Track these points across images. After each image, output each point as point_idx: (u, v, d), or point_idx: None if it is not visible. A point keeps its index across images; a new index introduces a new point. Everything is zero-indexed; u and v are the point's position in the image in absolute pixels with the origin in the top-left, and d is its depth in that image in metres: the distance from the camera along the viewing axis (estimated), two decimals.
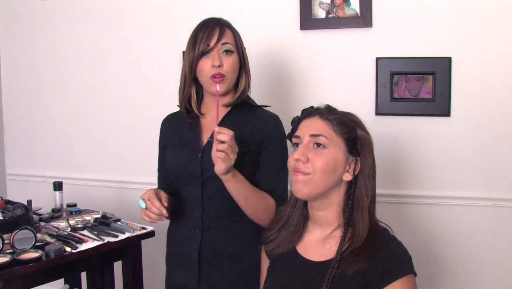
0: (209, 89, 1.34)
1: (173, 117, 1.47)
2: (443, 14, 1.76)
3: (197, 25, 1.38)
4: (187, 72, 1.36)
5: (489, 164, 1.76)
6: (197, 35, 1.34)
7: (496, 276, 1.79)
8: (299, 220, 1.15)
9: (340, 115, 1.10)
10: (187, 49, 1.36)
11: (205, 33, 1.33)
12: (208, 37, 1.32)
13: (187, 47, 1.36)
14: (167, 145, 1.44)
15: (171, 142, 1.43)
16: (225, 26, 1.36)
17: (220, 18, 1.39)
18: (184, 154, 1.37)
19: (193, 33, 1.36)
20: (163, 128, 1.48)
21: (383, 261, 1.01)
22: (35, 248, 1.45)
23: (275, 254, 1.16)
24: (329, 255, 1.06)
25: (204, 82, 1.34)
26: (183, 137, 1.40)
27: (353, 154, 1.08)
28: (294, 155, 1.07)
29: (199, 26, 1.37)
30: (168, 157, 1.42)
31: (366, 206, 1.07)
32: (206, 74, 1.32)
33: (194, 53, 1.33)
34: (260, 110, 1.41)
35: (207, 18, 1.39)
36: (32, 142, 2.49)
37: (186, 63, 1.36)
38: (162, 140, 1.48)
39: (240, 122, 1.36)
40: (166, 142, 1.45)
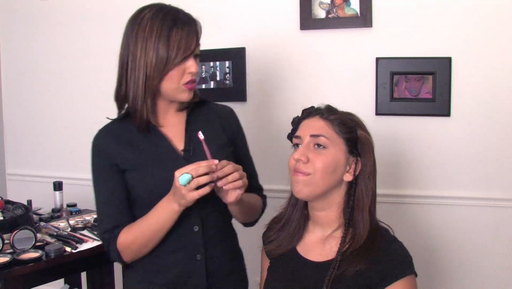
0: (177, 97, 1.16)
1: (114, 134, 1.19)
2: (443, 14, 1.76)
3: (156, 13, 1.12)
4: (153, 76, 1.11)
5: (489, 164, 1.76)
6: (171, 31, 1.10)
7: (496, 276, 1.79)
8: (300, 220, 1.15)
9: (341, 116, 1.10)
10: (147, 46, 1.10)
11: (184, 32, 1.12)
12: (189, 39, 1.12)
13: (146, 42, 1.10)
14: (128, 168, 1.16)
15: (137, 162, 1.16)
16: (198, 24, 1.17)
17: (186, 12, 1.17)
18: (166, 171, 1.10)
19: (161, 26, 1.11)
20: (108, 149, 1.18)
21: (384, 262, 1.01)
22: (35, 248, 1.45)
23: (275, 254, 1.16)
24: (330, 255, 1.06)
25: (173, 89, 1.14)
26: (154, 153, 1.17)
27: (354, 154, 1.07)
28: (294, 155, 1.07)
29: (167, 18, 1.11)
30: (142, 181, 1.15)
31: (366, 206, 1.07)
32: (179, 81, 1.14)
33: (171, 55, 1.10)
34: (211, 103, 1.30)
35: (167, 7, 1.15)
36: (32, 142, 2.49)
37: (150, 65, 1.10)
38: (108, 164, 1.17)
39: (206, 123, 1.23)
40: (126, 164, 1.16)
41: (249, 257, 1.36)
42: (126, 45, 1.15)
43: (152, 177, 1.15)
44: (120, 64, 1.17)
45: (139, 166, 1.16)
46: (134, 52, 1.13)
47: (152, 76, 1.12)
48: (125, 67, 1.15)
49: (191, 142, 1.19)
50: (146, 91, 1.13)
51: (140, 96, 1.13)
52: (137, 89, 1.13)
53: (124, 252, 1.15)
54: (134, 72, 1.13)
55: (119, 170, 1.17)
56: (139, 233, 1.13)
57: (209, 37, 2.05)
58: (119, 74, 1.18)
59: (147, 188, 1.15)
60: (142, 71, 1.12)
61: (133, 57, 1.13)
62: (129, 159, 1.17)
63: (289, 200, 1.17)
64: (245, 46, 1.98)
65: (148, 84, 1.12)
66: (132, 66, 1.13)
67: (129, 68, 1.14)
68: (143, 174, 1.16)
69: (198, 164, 1.03)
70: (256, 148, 2.04)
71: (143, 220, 1.13)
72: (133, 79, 1.13)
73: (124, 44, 1.17)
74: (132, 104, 1.15)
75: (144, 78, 1.12)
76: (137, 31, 1.13)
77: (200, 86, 2.06)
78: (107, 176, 1.18)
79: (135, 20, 1.14)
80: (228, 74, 2.02)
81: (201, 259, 1.18)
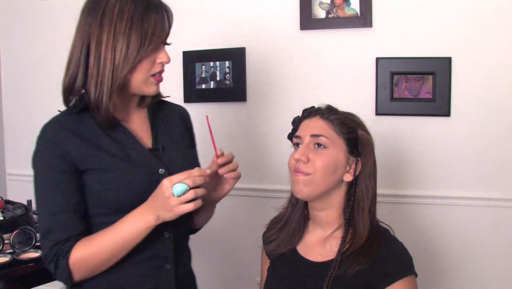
0: (143, 90, 1.05)
1: (71, 128, 1.02)
2: (443, 14, 1.76)
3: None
4: (122, 66, 0.98)
5: (489, 164, 1.76)
6: (146, 16, 0.98)
7: (496, 276, 1.79)
8: (300, 220, 1.15)
9: (341, 116, 1.10)
10: (117, 31, 0.97)
11: (159, 17, 1.00)
12: (164, 25, 1.02)
13: (115, 26, 0.97)
14: (91, 168, 1.01)
15: (106, 162, 1.01)
16: (170, 11, 1.05)
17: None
18: (143, 174, 1.02)
19: (133, 9, 0.98)
20: (63, 145, 1.00)
21: (384, 262, 1.01)
22: (35, 248, 1.45)
23: (275, 255, 1.16)
24: (330, 255, 1.06)
25: (140, 81, 1.03)
26: (123, 152, 1.04)
27: (354, 154, 1.08)
28: (294, 155, 1.07)
29: (139, 1, 0.99)
30: (116, 183, 1.01)
31: (366, 206, 1.07)
32: (149, 71, 1.03)
33: (144, 42, 0.98)
34: (167, 102, 1.22)
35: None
36: (32, 142, 2.47)
37: (120, 53, 0.98)
38: (63, 163, 1.00)
39: (171, 122, 1.17)
40: (88, 164, 1.00)
41: (249, 257, 1.36)
42: (86, 29, 1.00)
43: (128, 179, 1.01)
44: (75, 51, 1.02)
45: (109, 166, 1.01)
46: (98, 38, 0.98)
47: (122, 66, 0.98)
48: (84, 55, 1.00)
49: (158, 141, 1.10)
50: (113, 83, 0.99)
51: (105, 89, 0.99)
52: (102, 81, 0.99)
53: (76, 270, 0.98)
54: (97, 61, 0.99)
55: (76, 170, 1.01)
56: (100, 248, 0.98)
57: (209, 37, 2.07)
58: (73, 62, 1.02)
59: (121, 192, 1.01)
60: (109, 60, 0.98)
61: (97, 43, 0.98)
62: (93, 158, 1.01)
63: (289, 200, 1.17)
64: (245, 46, 1.98)
65: (116, 76, 0.99)
66: (96, 54, 0.99)
67: (92, 57, 0.99)
68: (116, 175, 1.01)
69: (190, 173, 0.95)
70: (256, 148, 2.04)
71: (107, 232, 0.99)
72: (97, 69, 0.99)
73: (82, 27, 1.01)
74: (95, 97, 1.00)
75: (111, 68, 0.98)
76: (103, 13, 0.98)
77: (200, 86, 2.06)
78: (60, 177, 1.00)
79: (99, 1, 1.00)
80: (228, 74, 2.02)
81: (170, 268, 1.07)
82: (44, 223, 1.01)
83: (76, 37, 1.03)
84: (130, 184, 1.01)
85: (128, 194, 1.01)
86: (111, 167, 1.01)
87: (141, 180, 1.02)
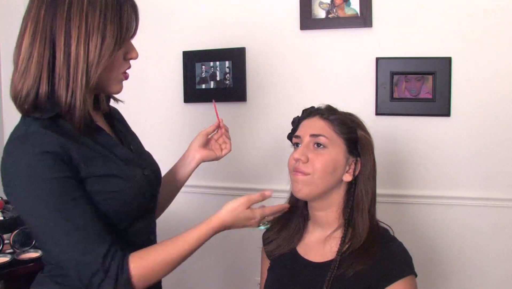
0: (109, 88, 0.97)
1: (63, 133, 0.89)
2: (443, 14, 1.76)
3: None
4: (97, 63, 0.87)
5: (489, 164, 1.76)
6: (119, 6, 0.90)
7: (496, 276, 1.78)
8: (299, 221, 1.15)
9: (341, 116, 1.10)
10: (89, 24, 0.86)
11: (132, 11, 0.93)
12: (136, 17, 0.94)
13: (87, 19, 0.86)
14: (99, 174, 0.91)
15: (109, 168, 0.94)
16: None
17: None
18: (139, 174, 1.00)
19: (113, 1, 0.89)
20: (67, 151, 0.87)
21: (384, 262, 1.01)
22: (35, 248, 1.45)
23: (275, 255, 1.16)
24: (330, 256, 1.06)
25: (112, 78, 0.95)
26: (112, 154, 0.97)
27: (354, 155, 1.08)
28: (294, 154, 1.07)
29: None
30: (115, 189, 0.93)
31: (366, 206, 1.07)
32: (120, 69, 0.96)
33: (119, 35, 0.89)
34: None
35: None
36: None
37: (95, 49, 0.86)
38: (74, 172, 0.88)
39: (121, 122, 1.15)
40: (95, 170, 0.91)
41: (249, 256, 1.36)
42: (47, 22, 0.87)
43: (132, 182, 0.96)
44: (34, 48, 0.88)
45: (113, 171, 0.94)
46: (67, 32, 0.86)
47: (96, 64, 0.87)
48: (49, 53, 0.87)
49: (125, 141, 1.07)
50: (88, 83, 0.88)
51: (79, 91, 0.87)
52: (74, 82, 0.86)
53: (139, 285, 0.88)
54: (67, 60, 0.86)
55: (78, 177, 0.89)
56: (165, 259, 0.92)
57: (209, 37, 2.07)
58: (32, 61, 0.89)
59: (127, 196, 0.95)
60: (81, 58, 0.86)
61: (65, 39, 0.86)
62: (96, 162, 0.92)
63: (289, 200, 1.17)
64: (245, 46, 1.98)
65: (90, 75, 0.87)
66: (65, 51, 0.86)
67: (59, 54, 0.86)
68: (112, 183, 0.93)
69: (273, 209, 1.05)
70: (255, 148, 2.04)
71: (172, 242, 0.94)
72: (67, 69, 0.86)
73: (41, 19, 0.87)
74: (67, 101, 0.87)
75: (84, 66, 0.86)
76: (70, 3, 0.86)
77: (200, 86, 2.06)
78: (69, 184, 0.86)
79: None
80: (228, 74, 2.02)
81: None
82: (72, 234, 0.84)
83: (33, 30, 0.88)
84: (135, 185, 0.97)
85: (137, 198, 0.98)
86: (117, 172, 0.94)
87: (141, 180, 0.99)
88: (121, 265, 0.86)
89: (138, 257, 0.89)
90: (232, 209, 0.99)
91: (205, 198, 2.01)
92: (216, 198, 1.99)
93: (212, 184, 2.00)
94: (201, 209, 1.98)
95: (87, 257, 0.84)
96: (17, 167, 0.86)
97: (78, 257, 0.84)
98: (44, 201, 0.84)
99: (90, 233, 0.85)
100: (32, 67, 0.89)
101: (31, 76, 0.89)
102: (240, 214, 0.99)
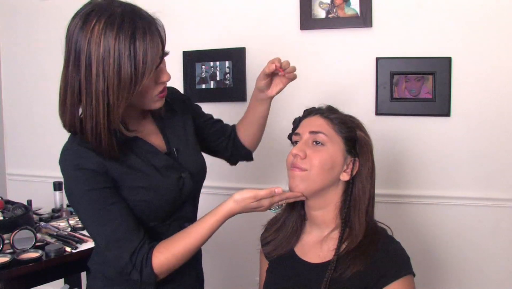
0: (149, 107, 1.05)
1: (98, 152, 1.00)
2: (443, 14, 1.76)
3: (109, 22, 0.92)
4: (117, 104, 0.94)
5: (489, 164, 1.76)
6: (134, 47, 0.93)
7: (495, 276, 1.78)
8: (296, 221, 1.14)
9: (341, 115, 1.10)
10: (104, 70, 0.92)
11: (149, 41, 0.95)
12: (157, 47, 0.97)
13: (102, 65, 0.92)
14: (132, 186, 1.04)
15: (141, 181, 1.05)
16: (159, 23, 1.02)
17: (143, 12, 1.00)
18: (172, 182, 1.09)
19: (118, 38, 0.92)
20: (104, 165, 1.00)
21: (381, 263, 1.01)
22: (35, 248, 1.45)
23: (273, 256, 1.16)
24: (327, 256, 1.06)
25: (145, 102, 1.03)
26: (152, 167, 1.07)
27: (352, 154, 1.07)
28: (292, 150, 1.07)
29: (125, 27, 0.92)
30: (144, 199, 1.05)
31: (363, 207, 1.07)
32: (152, 93, 1.02)
33: (138, 75, 0.93)
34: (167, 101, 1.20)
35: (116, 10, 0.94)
36: (32, 142, 2.49)
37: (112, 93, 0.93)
38: (107, 180, 1.01)
39: (174, 123, 1.19)
40: (128, 182, 1.04)
41: (249, 256, 1.36)
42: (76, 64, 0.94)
43: (162, 193, 1.08)
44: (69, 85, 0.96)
45: (144, 183, 1.05)
46: (87, 77, 0.93)
47: (117, 105, 0.94)
48: (77, 91, 0.95)
49: (171, 144, 1.15)
50: (110, 124, 0.96)
51: (103, 131, 0.96)
52: (98, 124, 0.95)
53: (162, 273, 1.03)
54: (90, 102, 0.94)
55: (114, 186, 1.03)
56: (183, 248, 1.04)
57: (209, 37, 2.07)
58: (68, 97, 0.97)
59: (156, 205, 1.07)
60: (101, 102, 0.94)
61: (87, 82, 0.93)
62: (128, 176, 1.04)
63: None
64: (245, 46, 1.98)
65: (112, 116, 0.95)
66: (87, 93, 0.94)
67: (83, 96, 0.95)
68: (151, 192, 1.06)
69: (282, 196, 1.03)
70: (257, 148, 2.04)
71: (188, 232, 1.05)
72: (90, 110, 0.94)
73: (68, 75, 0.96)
74: (93, 141, 0.97)
75: (105, 110, 0.94)
76: (88, 44, 0.92)
77: (200, 86, 2.06)
78: (107, 192, 1.02)
79: (85, 29, 0.93)
80: (228, 74, 2.02)
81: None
82: (108, 235, 1.01)
83: (71, 66, 0.95)
84: (163, 196, 1.07)
85: (164, 205, 1.09)
86: (147, 185, 1.05)
87: (172, 188, 1.09)
88: (145, 260, 1.01)
89: (160, 251, 1.02)
90: (240, 200, 1.03)
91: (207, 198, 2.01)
92: (216, 198, 1.99)
93: (212, 183, 2.00)
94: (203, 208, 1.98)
95: (120, 252, 1.01)
96: (64, 175, 1.03)
97: (114, 252, 1.02)
98: (83, 208, 1.02)
99: (122, 233, 1.01)
100: (68, 102, 0.98)
101: (68, 110, 0.98)
102: (247, 205, 1.03)
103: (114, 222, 1.01)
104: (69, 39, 0.95)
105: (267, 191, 1.02)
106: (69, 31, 0.96)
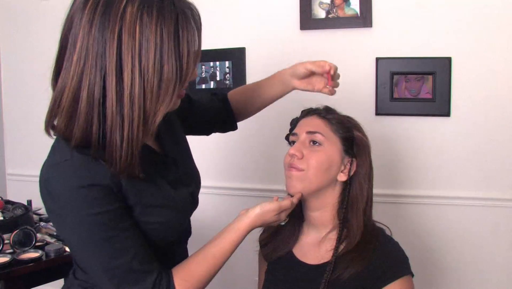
0: (174, 107, 0.84)
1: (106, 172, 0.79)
2: (443, 14, 1.76)
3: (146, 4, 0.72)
4: (155, 107, 0.75)
5: (488, 164, 1.76)
6: (177, 36, 0.75)
7: (495, 277, 1.78)
8: (294, 222, 1.14)
9: (339, 116, 1.10)
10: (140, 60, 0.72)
11: (197, 32, 0.81)
12: (198, 38, 0.81)
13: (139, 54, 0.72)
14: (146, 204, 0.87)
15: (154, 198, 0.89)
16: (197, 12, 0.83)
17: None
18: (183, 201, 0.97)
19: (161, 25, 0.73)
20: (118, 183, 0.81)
21: (379, 263, 1.00)
22: (35, 248, 1.45)
23: (272, 258, 1.15)
24: (325, 258, 1.06)
25: (170, 105, 0.80)
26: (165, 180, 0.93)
27: (349, 155, 1.07)
28: (289, 150, 1.07)
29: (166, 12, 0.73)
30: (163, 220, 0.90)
31: (361, 207, 1.06)
32: (180, 91, 0.83)
33: (182, 70, 0.76)
34: None
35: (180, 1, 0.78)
36: (32, 142, 2.49)
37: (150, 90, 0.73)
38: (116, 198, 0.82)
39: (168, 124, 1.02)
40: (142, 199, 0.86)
41: (249, 256, 1.36)
42: (100, 54, 0.72)
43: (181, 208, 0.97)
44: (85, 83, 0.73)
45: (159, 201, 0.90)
46: (118, 69, 0.71)
47: (155, 110, 0.75)
48: (101, 92, 0.73)
49: (168, 150, 1.00)
50: (145, 132, 0.76)
51: (135, 141, 0.75)
52: (130, 130, 0.74)
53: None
54: (120, 102, 0.73)
55: (125, 204, 0.85)
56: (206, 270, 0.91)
57: (209, 37, 2.06)
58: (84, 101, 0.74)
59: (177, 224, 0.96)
60: (137, 102, 0.73)
61: (117, 77, 0.72)
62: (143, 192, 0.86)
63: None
64: (245, 46, 1.98)
65: (147, 122, 0.75)
66: (117, 91, 0.72)
67: (111, 95, 0.73)
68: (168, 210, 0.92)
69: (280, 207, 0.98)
70: (255, 148, 2.04)
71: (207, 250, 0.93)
72: (121, 113, 0.73)
73: (93, 48, 0.73)
74: (116, 152, 0.75)
75: (142, 115, 0.74)
76: (120, 33, 0.71)
77: (200, 87, 2.06)
78: (121, 219, 0.82)
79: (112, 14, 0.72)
80: (228, 74, 2.02)
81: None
82: (123, 270, 0.82)
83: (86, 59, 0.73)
84: (178, 214, 0.95)
85: (178, 226, 0.98)
86: (163, 202, 0.89)
87: (185, 204, 1.00)
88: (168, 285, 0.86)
89: (184, 279, 0.88)
90: (263, 213, 0.98)
91: (205, 198, 2.01)
92: (217, 198, 1.99)
93: (212, 184, 2.00)
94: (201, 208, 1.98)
95: (137, 282, 0.83)
96: (53, 199, 0.83)
97: (126, 280, 0.83)
98: (85, 238, 0.82)
99: (139, 264, 0.83)
100: (82, 108, 0.74)
101: (82, 120, 0.75)
102: (269, 218, 0.99)
103: (130, 251, 0.81)
104: (80, 28, 0.75)
105: (288, 202, 0.99)
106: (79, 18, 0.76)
